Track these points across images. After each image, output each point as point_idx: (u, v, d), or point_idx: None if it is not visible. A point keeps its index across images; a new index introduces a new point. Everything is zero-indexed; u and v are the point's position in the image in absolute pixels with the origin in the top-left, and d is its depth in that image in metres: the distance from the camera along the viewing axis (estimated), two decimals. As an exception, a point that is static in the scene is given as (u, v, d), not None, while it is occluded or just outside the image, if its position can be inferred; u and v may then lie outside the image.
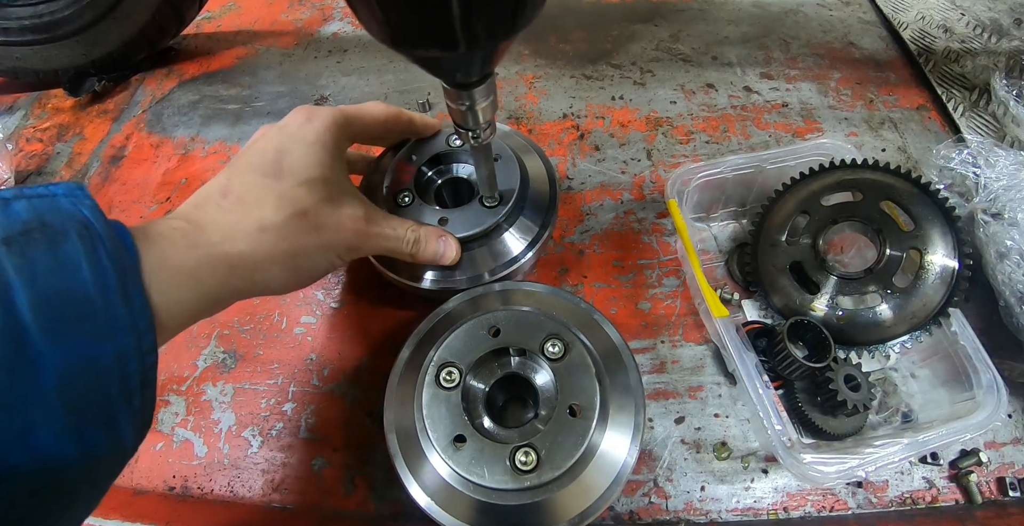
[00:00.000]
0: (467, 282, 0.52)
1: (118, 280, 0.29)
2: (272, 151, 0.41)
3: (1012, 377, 0.53)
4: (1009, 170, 0.57)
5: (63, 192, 0.30)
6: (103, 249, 0.28)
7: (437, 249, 0.49)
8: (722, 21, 0.91)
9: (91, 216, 0.29)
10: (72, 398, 0.26)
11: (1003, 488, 0.50)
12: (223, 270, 0.36)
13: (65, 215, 0.29)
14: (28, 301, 0.25)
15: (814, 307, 0.52)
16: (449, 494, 0.42)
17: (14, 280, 0.25)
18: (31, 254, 0.26)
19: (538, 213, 0.54)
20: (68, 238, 0.28)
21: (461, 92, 0.34)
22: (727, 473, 0.51)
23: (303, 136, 0.42)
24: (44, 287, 0.26)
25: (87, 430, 0.27)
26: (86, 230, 0.28)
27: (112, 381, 0.28)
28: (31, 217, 0.28)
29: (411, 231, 0.48)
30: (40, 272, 0.26)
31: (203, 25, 0.98)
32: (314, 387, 0.57)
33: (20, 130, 0.84)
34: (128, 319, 0.29)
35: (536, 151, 0.59)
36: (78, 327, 0.26)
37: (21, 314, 0.25)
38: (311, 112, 0.44)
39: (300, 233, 0.40)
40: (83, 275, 0.27)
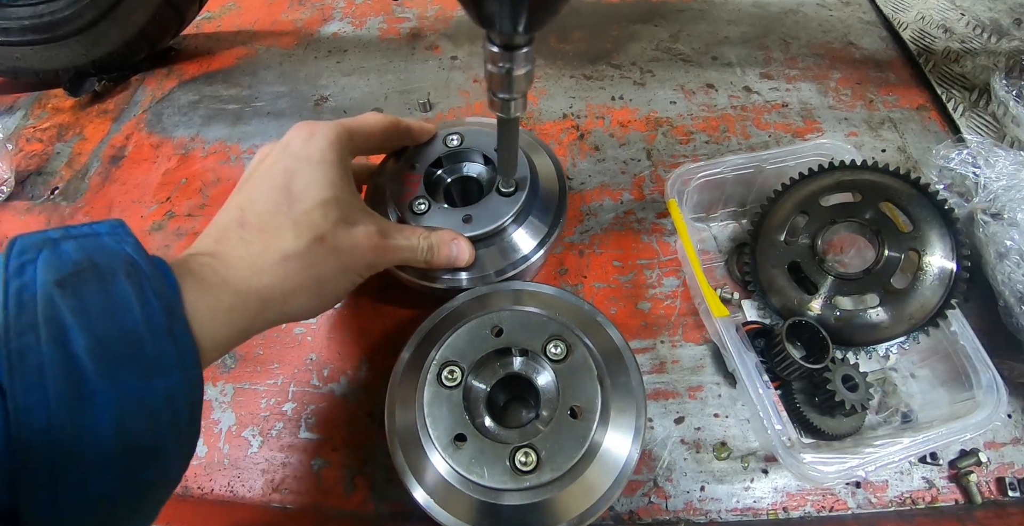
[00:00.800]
0: (477, 281, 0.52)
1: (166, 318, 0.29)
2: (280, 174, 0.40)
3: (1012, 377, 0.53)
4: (1009, 170, 0.57)
5: (107, 230, 0.31)
6: (149, 287, 0.29)
7: (451, 253, 0.49)
8: (722, 21, 0.91)
9: (135, 254, 0.30)
10: (127, 436, 0.26)
11: (1003, 488, 0.50)
12: (255, 305, 0.37)
13: (111, 254, 0.29)
14: (84, 341, 0.26)
15: (812, 307, 0.52)
16: (449, 494, 0.42)
17: (70, 321, 0.26)
18: (84, 295, 0.27)
19: (548, 212, 0.54)
20: (117, 278, 0.28)
21: (503, 53, 0.34)
22: (727, 473, 0.51)
23: (308, 155, 0.41)
24: (98, 328, 0.26)
25: (139, 467, 0.27)
26: (132, 269, 0.29)
27: (163, 418, 0.28)
28: (81, 258, 0.28)
29: (423, 239, 0.48)
30: (94, 313, 0.27)
31: (203, 25, 0.98)
32: (314, 387, 0.57)
33: (20, 130, 0.84)
34: (176, 356, 0.29)
35: (545, 150, 0.59)
36: (130, 365, 0.27)
37: (78, 354, 0.25)
38: (312, 128, 0.43)
39: (321, 259, 0.40)
40: (134, 314, 0.28)
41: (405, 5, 0.98)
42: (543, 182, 0.55)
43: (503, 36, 0.33)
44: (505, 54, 0.34)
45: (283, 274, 0.38)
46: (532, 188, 0.53)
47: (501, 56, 0.34)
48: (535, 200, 0.53)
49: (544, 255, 0.53)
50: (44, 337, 0.25)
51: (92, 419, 0.25)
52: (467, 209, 0.52)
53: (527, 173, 0.53)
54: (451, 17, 0.95)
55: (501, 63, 0.35)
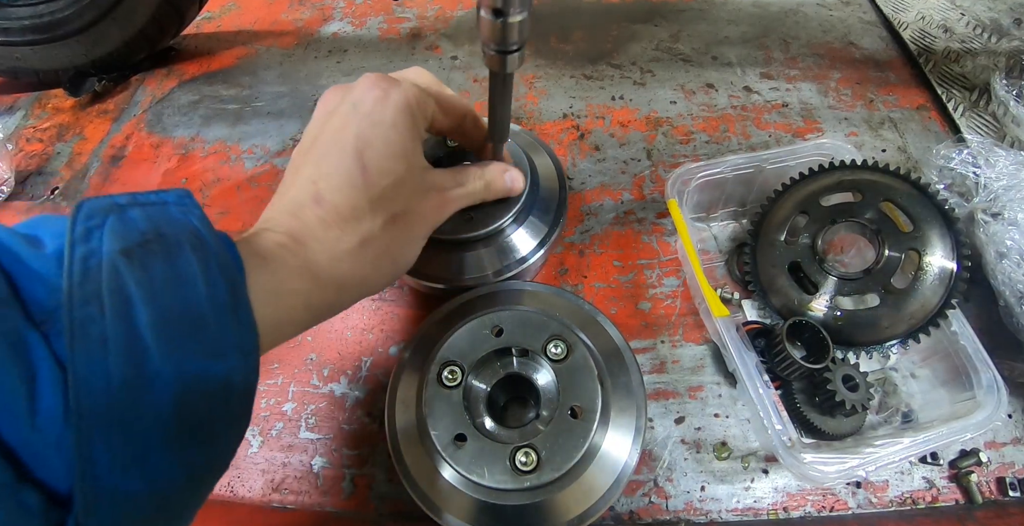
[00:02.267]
0: (477, 281, 0.52)
1: (230, 297, 0.28)
2: (352, 140, 0.37)
3: (1012, 377, 0.53)
4: (1009, 170, 0.57)
5: (173, 200, 0.30)
6: (215, 264, 0.28)
7: (505, 186, 0.49)
8: (722, 21, 0.91)
9: (201, 227, 0.29)
10: (184, 419, 0.25)
11: (1003, 488, 0.50)
12: (332, 291, 0.36)
13: (178, 225, 0.28)
14: (148, 317, 0.25)
15: (812, 307, 0.52)
16: (449, 493, 0.42)
17: (135, 294, 0.25)
18: (151, 267, 0.26)
19: (548, 212, 0.54)
20: (183, 250, 0.27)
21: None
22: (727, 473, 0.51)
23: (381, 119, 0.38)
24: (163, 303, 0.25)
25: (194, 452, 0.26)
26: (199, 242, 0.28)
27: (219, 402, 0.27)
28: (148, 227, 0.27)
29: (478, 179, 0.47)
30: (159, 287, 0.25)
31: (203, 25, 0.98)
32: (314, 387, 0.57)
33: (20, 130, 0.84)
34: (237, 338, 0.28)
35: (545, 150, 0.59)
36: (192, 345, 0.26)
37: (142, 330, 0.24)
38: (388, 85, 0.39)
39: (396, 236, 0.39)
40: (199, 290, 0.26)
41: (405, 5, 0.98)
42: (543, 182, 0.55)
43: None
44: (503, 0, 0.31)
45: (361, 259, 0.37)
46: (532, 188, 0.52)
47: (502, 1, 0.31)
48: (535, 200, 0.53)
49: (544, 255, 0.53)
50: (108, 309, 0.24)
51: (152, 399, 0.24)
52: (468, 208, 0.52)
53: (527, 172, 0.53)
54: (451, 17, 0.95)
55: (501, 8, 0.31)
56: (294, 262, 0.34)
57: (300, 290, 0.33)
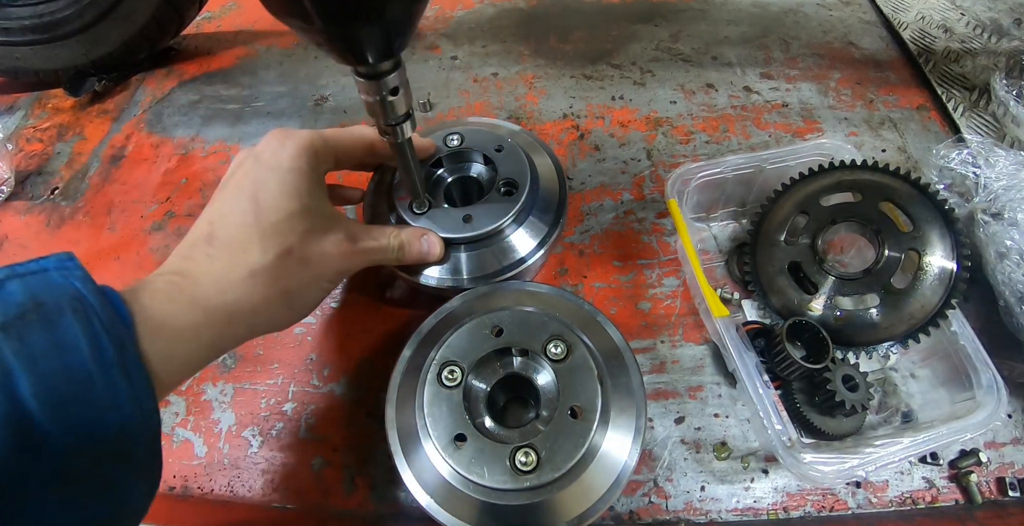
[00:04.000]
0: (477, 282, 0.52)
1: (116, 354, 0.29)
2: (249, 185, 0.40)
3: (1012, 377, 0.53)
4: (1009, 170, 0.57)
5: (54, 265, 0.30)
6: (99, 323, 0.29)
7: (422, 249, 0.49)
8: (722, 21, 0.91)
9: (83, 288, 0.29)
10: (77, 474, 0.26)
11: (1003, 488, 0.50)
12: (222, 321, 0.37)
13: (58, 291, 0.29)
14: (30, 385, 0.25)
15: (812, 307, 0.52)
16: (449, 494, 0.42)
17: (14, 365, 0.25)
18: (29, 338, 0.26)
19: (548, 212, 0.54)
20: (63, 316, 0.28)
21: (372, 83, 0.34)
22: (727, 473, 0.51)
23: (278, 163, 0.41)
24: (44, 370, 0.26)
25: (89, 500, 0.27)
26: (80, 304, 0.29)
27: (116, 449, 0.28)
28: (25, 298, 0.28)
29: (393, 238, 0.48)
30: (39, 355, 0.26)
31: (203, 25, 0.98)
32: (314, 387, 0.57)
33: (20, 130, 0.84)
34: (128, 390, 0.29)
35: (545, 150, 0.59)
36: (80, 405, 0.27)
37: (24, 399, 0.25)
38: (285, 136, 0.43)
39: (289, 271, 0.40)
40: (82, 354, 0.27)
41: (405, 5, 0.98)
42: (543, 182, 0.55)
43: (370, 67, 0.33)
44: (376, 83, 0.34)
45: (250, 289, 0.38)
46: (532, 188, 0.52)
47: (373, 86, 0.35)
48: (535, 200, 0.53)
49: (544, 255, 0.53)
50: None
51: (38, 457, 0.25)
52: (467, 209, 0.52)
53: (527, 172, 0.53)
54: (451, 17, 0.95)
55: (375, 92, 0.35)
56: (181, 298, 0.35)
57: (189, 324, 0.35)
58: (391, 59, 0.34)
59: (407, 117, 0.39)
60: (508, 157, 0.54)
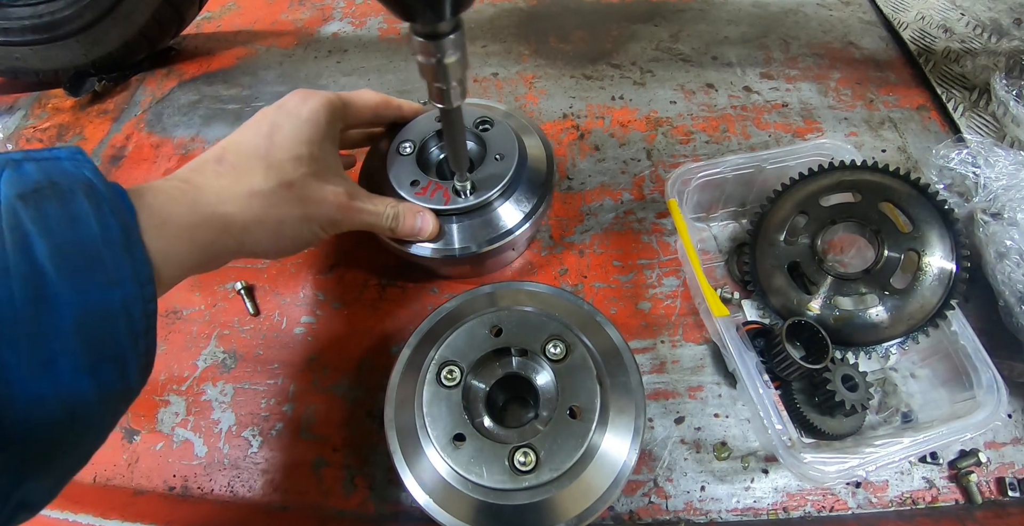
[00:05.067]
0: (464, 252, 0.53)
1: (122, 235, 0.31)
2: (266, 124, 0.44)
3: (1012, 377, 0.53)
4: (1009, 170, 0.57)
5: (66, 155, 0.33)
6: (107, 206, 0.31)
7: (415, 224, 0.51)
8: (722, 21, 0.91)
9: (93, 177, 0.32)
10: (87, 336, 0.29)
11: (1003, 488, 0.50)
12: (217, 228, 0.39)
13: (71, 176, 0.31)
14: (46, 249, 0.28)
15: (811, 307, 0.52)
16: (448, 493, 0.42)
17: (32, 230, 0.28)
18: (45, 208, 0.29)
19: (535, 188, 0.55)
20: (76, 196, 0.30)
21: (429, 43, 0.34)
22: (727, 473, 0.51)
23: (297, 113, 0.45)
24: (58, 237, 0.28)
25: (100, 366, 0.29)
26: (91, 190, 0.31)
27: (120, 324, 0.30)
28: (41, 177, 0.30)
29: (390, 207, 0.50)
30: (54, 224, 0.28)
31: (203, 25, 0.98)
32: (314, 387, 0.57)
33: (20, 130, 0.84)
34: (132, 270, 0.31)
35: (536, 131, 0.60)
36: (89, 274, 0.29)
37: (40, 260, 0.27)
38: (308, 93, 0.47)
39: (285, 202, 0.43)
40: (92, 229, 0.30)
41: (405, 5, 0.98)
42: (531, 162, 0.56)
43: (428, 25, 0.33)
44: (433, 44, 0.34)
45: (246, 206, 0.41)
46: (520, 164, 0.54)
47: (430, 46, 0.34)
48: (522, 175, 0.55)
49: (530, 228, 0.55)
50: (8, 242, 0.27)
51: (53, 316, 0.27)
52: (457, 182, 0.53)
53: (515, 148, 0.55)
54: (451, 17, 0.95)
55: (431, 53, 0.34)
56: (184, 200, 0.38)
57: (187, 225, 0.37)
58: (452, 19, 0.33)
59: (460, 83, 0.38)
60: (497, 134, 0.56)
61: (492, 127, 0.56)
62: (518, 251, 0.62)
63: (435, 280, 0.63)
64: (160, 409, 0.56)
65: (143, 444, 0.55)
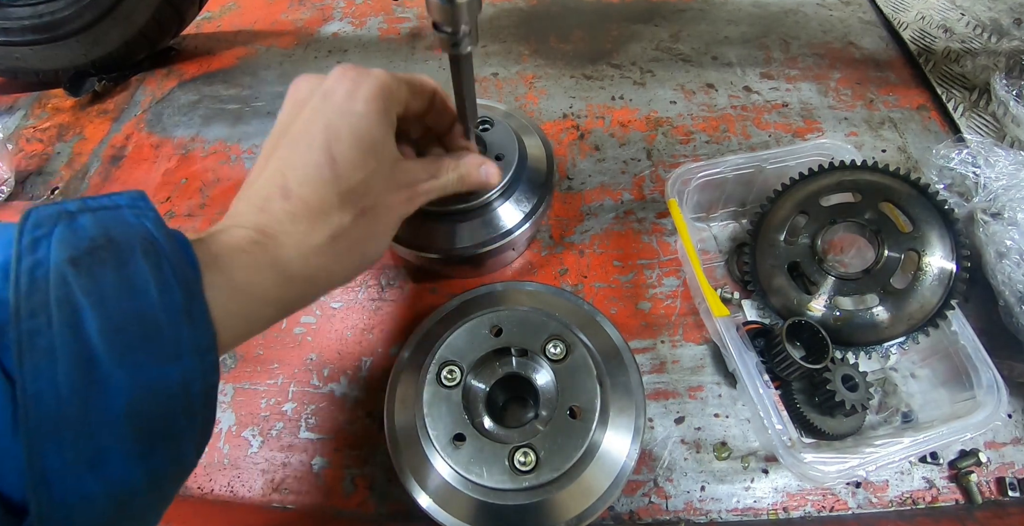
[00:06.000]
0: (466, 252, 0.53)
1: (184, 300, 0.27)
2: (321, 132, 0.37)
3: (1012, 377, 0.53)
4: (1009, 170, 0.57)
5: (127, 203, 0.29)
6: (168, 267, 0.27)
7: (480, 178, 0.47)
8: (722, 21, 0.91)
9: (154, 230, 0.28)
10: (140, 422, 0.25)
11: (1003, 488, 0.50)
12: (301, 286, 0.36)
13: (130, 230, 0.28)
14: (97, 325, 0.24)
15: (811, 307, 0.52)
16: (448, 493, 0.42)
17: (83, 303, 0.24)
18: (99, 275, 0.25)
19: (535, 188, 0.55)
20: (134, 255, 0.26)
21: None
22: (727, 473, 0.51)
23: (351, 109, 0.37)
24: (113, 310, 0.25)
25: (154, 453, 0.26)
26: (151, 246, 0.27)
27: (177, 403, 0.27)
28: (97, 233, 0.26)
29: (452, 172, 0.45)
30: (109, 294, 0.25)
31: (203, 25, 0.98)
32: (314, 387, 0.57)
33: (20, 130, 0.84)
34: (193, 341, 0.28)
35: (536, 131, 0.60)
36: (145, 350, 0.26)
37: (91, 338, 0.24)
38: (358, 74, 0.39)
39: (365, 230, 0.39)
40: (151, 296, 0.26)
41: (405, 5, 0.98)
42: (531, 161, 0.56)
43: None
44: None
45: (332, 255, 0.37)
46: (520, 164, 0.54)
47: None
48: (522, 175, 0.55)
49: (530, 228, 0.54)
50: (56, 319, 0.24)
51: (104, 405, 0.24)
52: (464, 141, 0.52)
53: (515, 149, 0.54)
54: (451, 17, 0.95)
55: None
56: (263, 258, 0.33)
57: (268, 285, 0.33)
58: None
59: (471, 27, 0.35)
60: (497, 134, 0.56)
61: (492, 127, 0.56)
62: (518, 251, 0.62)
63: (435, 280, 0.63)
64: None
65: (143, 444, 0.55)
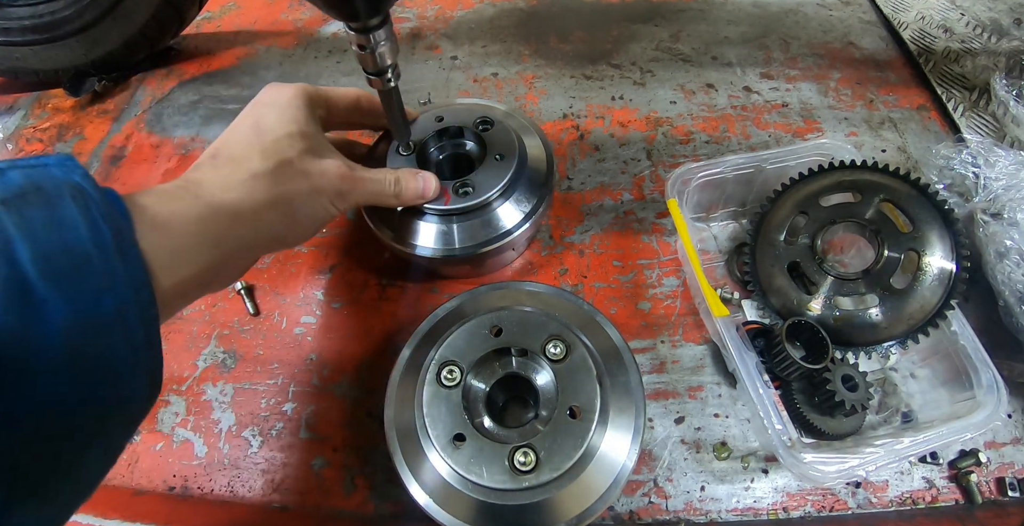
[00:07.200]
0: (462, 252, 0.53)
1: (113, 238, 0.29)
2: (250, 118, 0.45)
3: (1012, 377, 0.53)
4: (1009, 170, 0.57)
5: (55, 162, 0.31)
6: (96, 210, 0.29)
7: (418, 186, 0.51)
8: (722, 21, 0.91)
9: (83, 182, 0.31)
10: (76, 346, 0.27)
11: (1003, 488, 0.50)
12: (226, 218, 0.38)
13: (59, 181, 0.30)
14: (29, 254, 0.26)
15: (811, 307, 0.52)
16: (448, 493, 0.42)
17: (14, 235, 0.26)
18: (29, 213, 0.27)
19: (534, 188, 0.56)
20: (63, 199, 0.29)
21: (361, 35, 0.39)
22: (727, 473, 0.51)
23: (274, 101, 0.45)
24: (44, 242, 0.27)
25: (91, 381, 0.28)
26: (80, 193, 0.30)
27: (115, 334, 0.29)
28: (25, 182, 0.28)
29: (390, 174, 0.50)
30: (39, 229, 0.27)
31: (203, 25, 0.98)
32: (314, 387, 0.57)
33: (20, 130, 0.84)
34: (125, 274, 0.30)
35: (536, 132, 0.60)
36: (78, 280, 0.27)
37: (23, 265, 0.26)
38: (279, 84, 0.48)
39: (289, 178, 0.42)
40: (80, 232, 0.28)
41: (405, 5, 0.98)
42: (531, 162, 0.56)
43: (360, 22, 0.38)
44: (365, 36, 0.39)
45: (251, 189, 0.40)
46: (520, 164, 0.54)
47: (363, 39, 0.40)
48: (522, 175, 0.55)
49: (530, 228, 0.55)
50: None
51: (40, 325, 0.26)
52: (463, 182, 0.53)
53: (515, 149, 0.55)
54: (451, 17, 0.95)
55: (365, 44, 0.40)
56: (185, 196, 0.37)
57: (192, 219, 0.36)
58: (379, 15, 0.38)
59: (392, 68, 0.44)
60: (497, 134, 0.56)
61: (492, 127, 0.56)
62: (518, 251, 0.63)
63: (435, 280, 0.63)
64: (160, 409, 0.56)
65: (143, 444, 0.55)
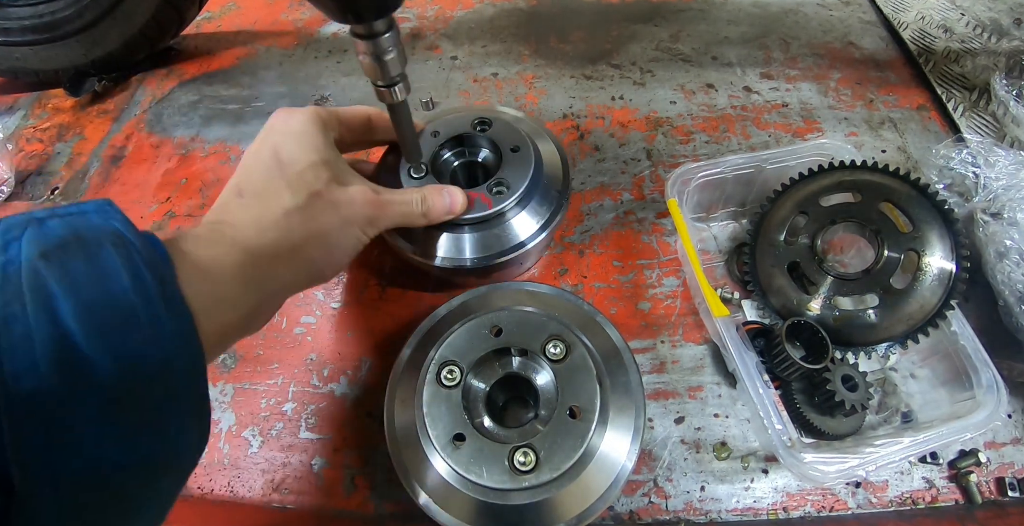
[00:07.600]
0: (476, 262, 0.52)
1: (157, 287, 0.29)
2: (267, 149, 0.43)
3: (1012, 377, 0.53)
4: (1009, 170, 0.57)
5: (93, 209, 0.31)
6: (139, 257, 0.29)
7: (444, 202, 0.50)
8: (722, 21, 0.91)
9: (123, 228, 0.30)
10: (123, 402, 0.26)
11: (1003, 488, 0.50)
12: (266, 261, 0.38)
13: (98, 229, 0.29)
14: (72, 309, 0.25)
15: (811, 307, 0.52)
16: (448, 493, 0.42)
17: (56, 291, 0.25)
18: (70, 265, 0.27)
19: (549, 197, 0.55)
20: (104, 248, 0.28)
21: (366, 42, 0.37)
22: (727, 473, 0.51)
23: (289, 129, 0.44)
24: (86, 295, 0.26)
25: (139, 437, 0.27)
26: (120, 240, 0.29)
27: (159, 384, 0.28)
28: (67, 233, 0.28)
29: (416, 192, 0.49)
30: (81, 282, 0.26)
31: (203, 25, 0.98)
32: (314, 387, 0.57)
33: (20, 130, 0.84)
34: (171, 323, 0.29)
35: (551, 138, 0.60)
36: (123, 332, 0.27)
37: (66, 323, 0.25)
38: (290, 110, 0.46)
39: (321, 211, 0.42)
40: (123, 282, 0.27)
41: (405, 5, 0.98)
42: (547, 169, 0.55)
43: (365, 27, 0.36)
44: (371, 43, 0.37)
45: (287, 228, 0.39)
46: (535, 173, 0.53)
47: (369, 46, 0.37)
48: (538, 185, 0.54)
49: (545, 239, 0.54)
50: (30, 305, 0.25)
51: (85, 382, 0.25)
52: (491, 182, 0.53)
53: (525, 137, 0.54)
54: (451, 17, 0.95)
55: (371, 52, 0.38)
56: (222, 240, 0.36)
57: (232, 264, 0.36)
58: (385, 18, 0.36)
59: (402, 78, 0.41)
60: (500, 129, 0.56)
61: (491, 126, 0.56)
62: (533, 259, 0.62)
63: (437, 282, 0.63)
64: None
65: (143, 444, 0.55)
